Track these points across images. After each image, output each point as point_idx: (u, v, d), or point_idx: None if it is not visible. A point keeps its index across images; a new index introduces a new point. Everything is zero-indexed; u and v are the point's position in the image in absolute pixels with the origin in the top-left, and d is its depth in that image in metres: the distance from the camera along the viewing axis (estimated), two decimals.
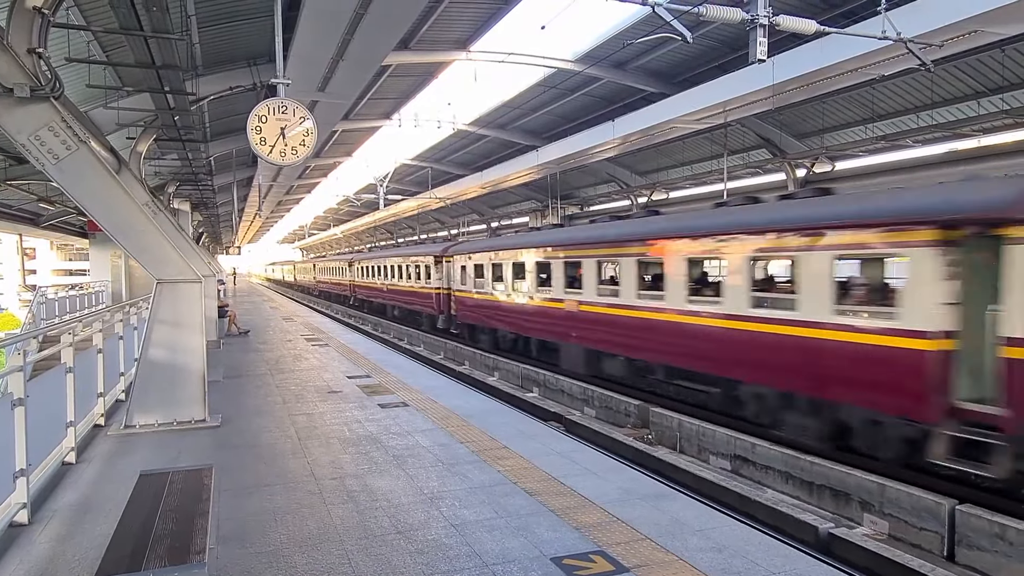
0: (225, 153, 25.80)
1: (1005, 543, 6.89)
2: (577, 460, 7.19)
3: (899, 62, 13.58)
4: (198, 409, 8.77)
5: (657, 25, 11.37)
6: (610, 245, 15.08)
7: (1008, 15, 11.65)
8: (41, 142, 7.51)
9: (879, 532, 8.03)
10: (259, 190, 40.22)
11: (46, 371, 7.22)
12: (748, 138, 23.59)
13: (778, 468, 9.65)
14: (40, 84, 7.34)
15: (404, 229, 62.52)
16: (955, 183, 9.43)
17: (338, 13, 11.98)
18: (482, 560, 4.80)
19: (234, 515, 5.63)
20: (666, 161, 28.25)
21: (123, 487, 5.24)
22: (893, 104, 19.16)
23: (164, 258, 8.66)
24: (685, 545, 5.03)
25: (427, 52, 21.33)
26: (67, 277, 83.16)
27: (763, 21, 10.16)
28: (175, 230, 17.49)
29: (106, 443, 7.99)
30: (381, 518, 5.58)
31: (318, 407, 9.88)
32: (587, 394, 14.64)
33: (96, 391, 8.78)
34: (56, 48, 10.90)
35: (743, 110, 18.60)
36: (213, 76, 15.93)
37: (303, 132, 8.31)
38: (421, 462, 7.12)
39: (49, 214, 31.29)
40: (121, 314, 10.83)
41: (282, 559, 4.85)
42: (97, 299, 27.31)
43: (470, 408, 9.75)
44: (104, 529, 4.93)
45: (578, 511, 5.70)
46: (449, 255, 25.94)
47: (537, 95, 25.70)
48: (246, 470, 6.92)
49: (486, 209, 45.23)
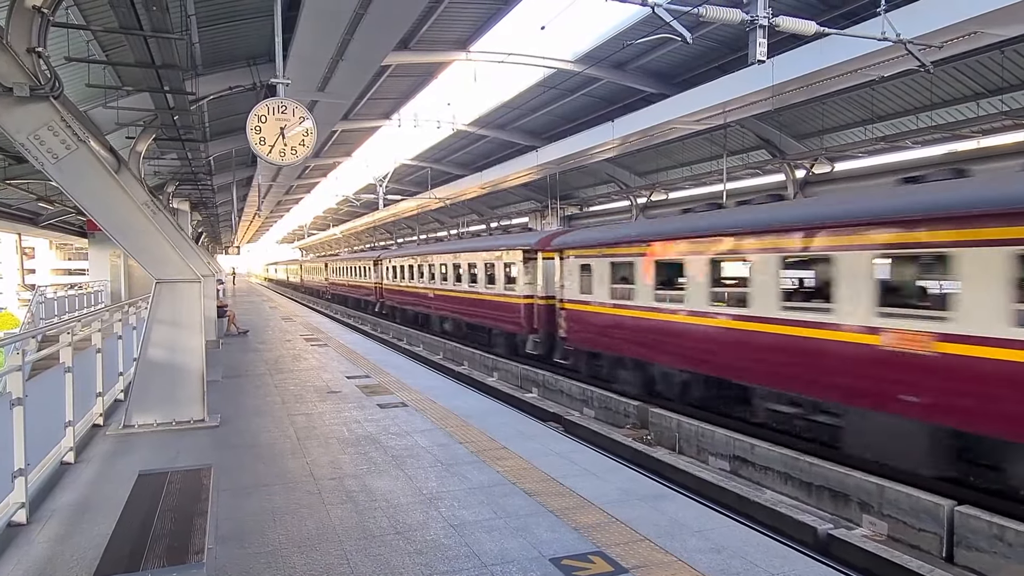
0: (224, 153, 25.78)
1: (1004, 544, 6.89)
2: (576, 461, 7.19)
3: (899, 63, 13.59)
4: (197, 409, 8.76)
5: (657, 26, 11.38)
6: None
7: (1008, 16, 11.66)
8: (40, 141, 7.50)
9: (878, 533, 8.03)
10: (258, 190, 40.23)
11: (45, 371, 7.21)
12: (748, 139, 23.60)
13: (777, 469, 9.65)
14: (39, 83, 7.33)
15: (404, 229, 62.54)
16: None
17: (338, 13, 11.98)
18: (481, 561, 4.80)
19: (233, 515, 5.62)
20: (666, 162, 28.25)
21: (122, 487, 5.23)
22: (893, 105, 19.17)
23: (163, 258, 8.65)
24: (684, 546, 5.03)
25: (427, 52, 21.34)
26: (66, 276, 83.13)
27: (763, 22, 10.17)
28: (174, 230, 17.47)
29: (105, 443, 7.98)
30: (380, 518, 5.57)
31: (317, 407, 9.87)
32: (586, 395, 14.63)
33: (95, 391, 8.78)
34: (55, 47, 10.89)
35: (743, 111, 18.62)
36: (213, 76, 15.93)
37: (303, 132, 8.30)
38: (420, 462, 7.12)
39: (48, 213, 31.28)
40: (120, 314, 10.83)
41: (281, 559, 4.84)
42: (96, 299, 27.29)
43: (469, 408, 9.75)
44: (102, 529, 4.92)
45: (577, 512, 5.70)
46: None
47: (537, 95, 25.71)
48: (245, 470, 6.91)
49: (485, 209, 45.25)
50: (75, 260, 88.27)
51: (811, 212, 10.64)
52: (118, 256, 27.56)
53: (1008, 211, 7.48)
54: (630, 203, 32.10)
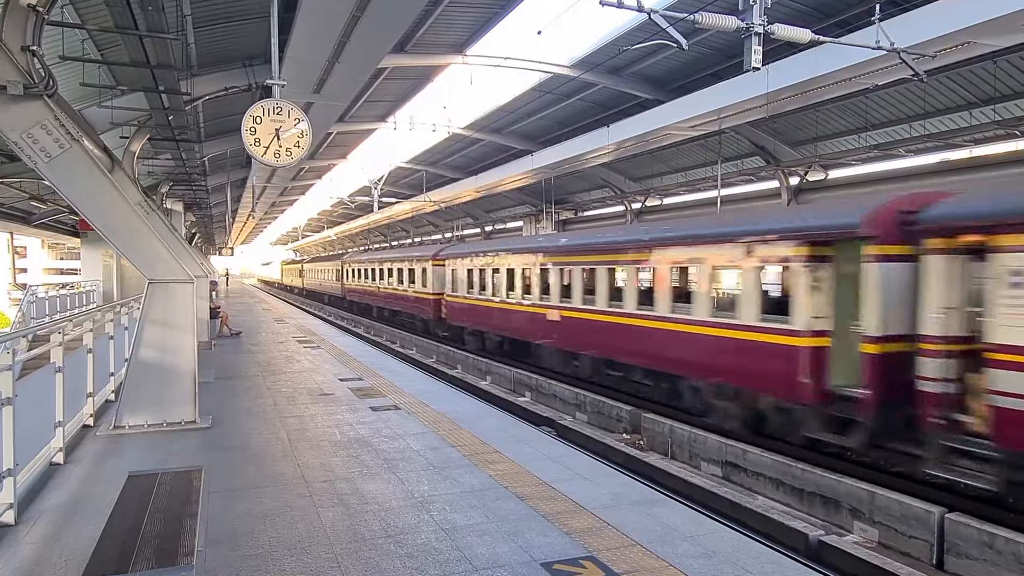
0: (219, 153, 25.72)
1: (994, 552, 6.92)
2: (569, 465, 7.18)
3: (892, 72, 13.67)
4: (188, 410, 8.71)
5: (653, 32, 11.44)
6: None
7: (1000, 27, 11.74)
8: (34, 140, 7.46)
9: (869, 540, 8.05)
10: (253, 191, 40.16)
11: (35, 370, 7.16)
12: (742, 145, 23.67)
13: (769, 475, 9.67)
14: (34, 82, 7.30)
15: (398, 232, 62.44)
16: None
17: (335, 15, 11.95)
18: (472, 565, 4.78)
19: (223, 517, 5.59)
20: (660, 167, 28.31)
21: (111, 488, 5.20)
22: (886, 114, 19.27)
23: (156, 258, 8.62)
24: (675, 551, 5.02)
25: (423, 55, 21.36)
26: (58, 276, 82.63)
27: (758, 29, 10.21)
28: (168, 230, 17.40)
29: (95, 443, 7.93)
30: (371, 522, 5.55)
31: (309, 409, 9.83)
32: (579, 399, 14.64)
33: (86, 391, 8.72)
34: (50, 46, 10.83)
35: (737, 117, 18.68)
36: (208, 76, 15.88)
37: (298, 134, 8.30)
38: (412, 466, 7.10)
39: (41, 212, 31.14)
40: (112, 314, 10.77)
41: (271, 562, 4.82)
42: (88, 298, 27.15)
43: (462, 412, 9.73)
44: (91, 530, 4.89)
45: (569, 516, 5.69)
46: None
47: (533, 100, 25.75)
48: (236, 472, 6.88)
49: (480, 213, 45.24)
50: (67, 259, 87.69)
51: (552, 242, 19.45)
52: (110, 256, 27.45)
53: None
54: (624, 208, 32.16)
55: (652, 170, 28.90)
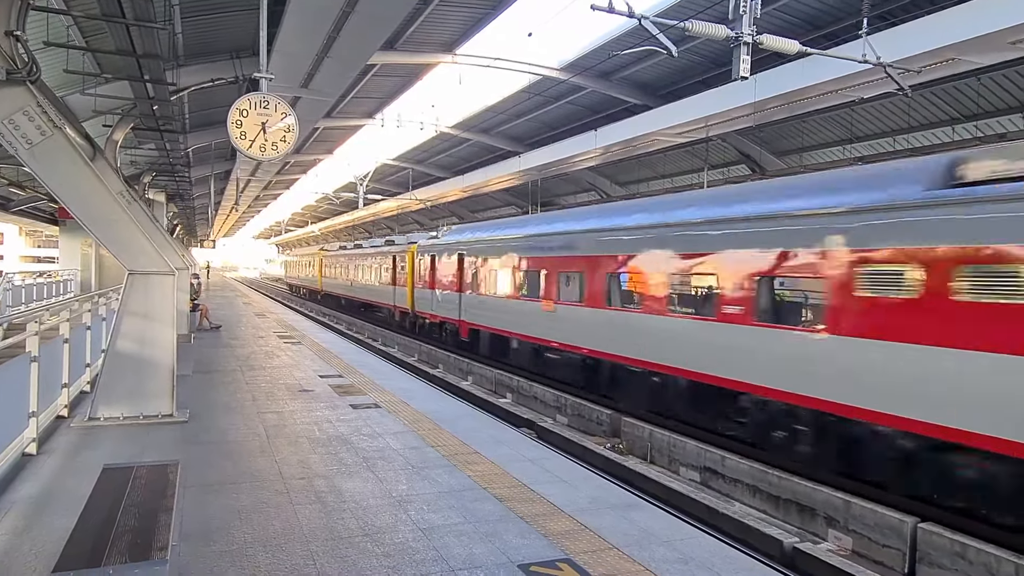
0: (204, 145, 25.49)
1: (965, 562, 7.00)
2: (548, 467, 7.19)
3: (878, 86, 13.85)
4: (165, 403, 8.62)
5: (643, 38, 11.48)
6: None
7: (985, 45, 11.94)
8: (15, 126, 7.36)
9: (843, 548, 8.12)
10: (237, 184, 39.73)
11: (10, 359, 7.05)
12: (728, 153, 23.86)
13: (746, 481, 9.73)
14: (16, 67, 7.20)
15: (383, 229, 62.18)
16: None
17: (325, 10, 11.89)
18: (449, 565, 4.77)
19: (199, 512, 5.54)
20: (647, 173, 28.45)
21: (85, 480, 5.13)
22: (871, 127, 19.51)
23: (137, 249, 8.52)
24: (652, 555, 5.05)
25: (413, 53, 21.29)
26: (35, 264, 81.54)
27: (747, 39, 10.30)
28: (149, 221, 17.21)
29: (69, 435, 7.83)
30: (348, 520, 5.53)
31: (288, 405, 9.77)
32: (560, 402, 14.66)
33: (61, 381, 8.60)
34: (34, 31, 10.69)
35: (725, 125, 18.83)
36: (194, 67, 15.73)
37: (284, 128, 8.25)
38: (391, 465, 7.08)
39: (19, 199, 30.69)
40: (90, 304, 10.64)
41: (246, 558, 4.78)
42: (65, 287, 26.82)
43: (442, 412, 9.71)
44: (64, 523, 4.82)
45: (547, 518, 5.69)
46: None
47: (521, 101, 25.76)
48: (212, 467, 6.81)
49: (466, 213, 45.19)
50: (45, 247, 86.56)
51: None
52: (89, 245, 27.15)
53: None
54: None
55: (639, 175, 29.04)
